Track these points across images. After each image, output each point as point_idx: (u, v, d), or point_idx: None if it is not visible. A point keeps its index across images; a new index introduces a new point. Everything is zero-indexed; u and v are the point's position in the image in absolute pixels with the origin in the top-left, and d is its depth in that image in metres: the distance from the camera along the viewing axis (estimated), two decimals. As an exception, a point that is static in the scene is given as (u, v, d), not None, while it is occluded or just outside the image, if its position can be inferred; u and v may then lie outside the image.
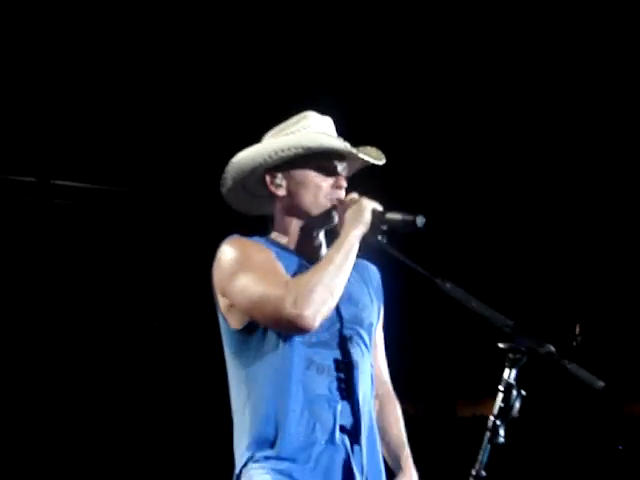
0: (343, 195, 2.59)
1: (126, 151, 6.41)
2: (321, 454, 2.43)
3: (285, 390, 2.43)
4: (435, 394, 8.51)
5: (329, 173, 2.59)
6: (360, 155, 2.58)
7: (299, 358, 2.45)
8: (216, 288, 2.53)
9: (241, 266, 2.46)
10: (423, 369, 7.69)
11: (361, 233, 2.50)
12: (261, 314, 2.40)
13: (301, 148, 2.53)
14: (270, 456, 2.41)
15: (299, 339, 2.46)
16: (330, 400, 2.46)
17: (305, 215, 2.59)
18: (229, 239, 2.55)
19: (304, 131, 2.59)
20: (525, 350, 2.24)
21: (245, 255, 2.48)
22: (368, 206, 2.52)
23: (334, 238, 2.56)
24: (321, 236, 2.64)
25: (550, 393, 7.68)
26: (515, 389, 2.22)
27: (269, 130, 2.70)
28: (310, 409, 2.43)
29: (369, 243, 2.54)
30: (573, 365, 2.19)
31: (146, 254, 6.81)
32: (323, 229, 2.63)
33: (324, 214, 2.58)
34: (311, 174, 2.57)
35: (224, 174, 2.64)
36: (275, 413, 2.42)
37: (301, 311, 2.32)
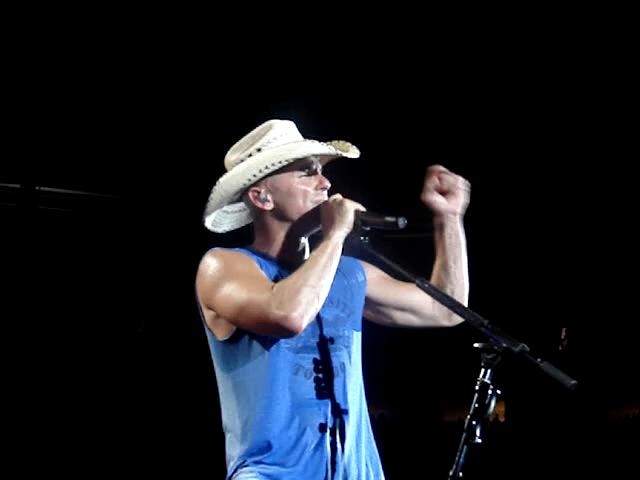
0: (326, 196, 2.59)
1: (111, 158, 6.40)
2: (311, 457, 2.44)
3: (273, 396, 2.44)
4: (422, 400, 8.50)
5: (310, 176, 2.60)
6: (341, 153, 2.59)
7: (286, 364, 2.46)
8: (200, 301, 2.52)
9: (224, 275, 2.45)
10: (409, 375, 7.68)
11: (344, 234, 2.50)
12: (247, 319, 2.39)
13: (285, 160, 2.54)
14: (260, 461, 2.42)
15: (285, 345, 2.46)
16: (319, 404, 2.47)
17: (294, 223, 2.59)
18: (210, 252, 2.54)
19: (277, 142, 2.59)
20: (499, 350, 2.20)
21: (227, 265, 2.48)
22: (351, 207, 2.53)
23: (318, 240, 2.55)
24: (306, 242, 2.63)
25: (535, 398, 7.69)
26: (490, 389, 2.18)
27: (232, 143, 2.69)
28: (300, 413, 2.44)
29: (352, 244, 2.54)
30: (546, 364, 2.15)
31: (132, 260, 6.80)
32: (310, 234, 2.62)
33: (313, 217, 2.57)
34: (295, 182, 2.58)
35: (208, 201, 2.63)
36: (264, 420, 2.43)
37: (287, 313, 2.32)
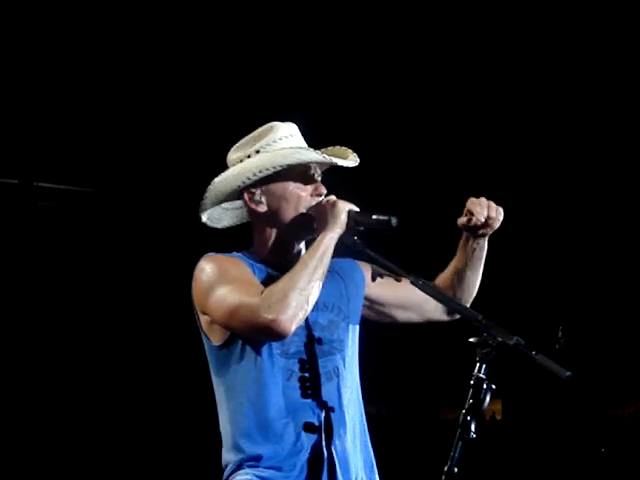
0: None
1: (110, 154, 6.39)
2: (307, 462, 2.43)
3: (267, 402, 2.44)
4: (419, 397, 8.49)
5: (307, 182, 2.59)
6: (339, 162, 2.59)
7: (279, 369, 2.46)
8: (196, 307, 2.53)
9: (217, 280, 2.46)
10: (406, 372, 7.68)
11: (337, 235, 2.50)
12: (238, 323, 2.40)
13: (279, 166, 2.53)
14: (256, 465, 2.43)
15: (277, 351, 2.46)
16: (313, 408, 2.47)
17: (287, 228, 2.59)
18: (205, 257, 2.55)
19: (275, 146, 2.58)
20: (494, 344, 2.21)
21: (220, 270, 2.48)
22: (344, 208, 2.52)
23: (311, 242, 2.55)
24: (302, 248, 2.63)
25: (532, 395, 7.68)
26: (485, 383, 2.20)
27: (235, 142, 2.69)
28: (294, 418, 2.44)
29: (345, 244, 2.53)
30: (540, 356, 2.16)
31: (131, 256, 6.80)
32: (303, 240, 2.62)
33: (307, 224, 2.57)
34: (290, 186, 2.57)
35: (203, 199, 2.64)
36: (259, 425, 2.44)
37: (276, 316, 2.31)
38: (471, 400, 2.20)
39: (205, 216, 2.68)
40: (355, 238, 2.52)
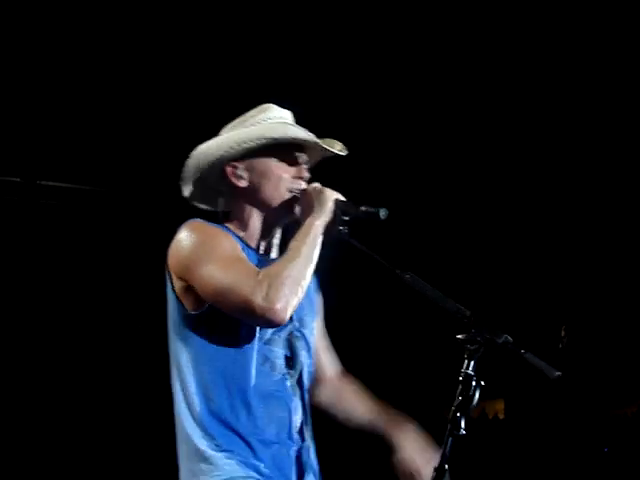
0: (305, 186, 2.60)
1: (112, 151, 6.38)
2: (278, 450, 2.45)
3: (243, 384, 2.43)
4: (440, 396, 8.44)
5: (291, 164, 2.59)
6: (325, 146, 2.59)
7: (256, 353, 2.46)
8: (173, 269, 2.51)
9: (208, 251, 2.43)
10: (428, 371, 7.65)
11: (325, 223, 2.50)
12: (228, 303, 2.38)
13: (264, 139, 2.52)
14: (231, 449, 2.41)
15: (257, 334, 2.46)
16: (284, 397, 2.50)
17: (266, 207, 2.58)
18: (192, 222, 2.53)
19: (266, 122, 2.58)
20: (482, 341, 2.27)
21: (213, 241, 2.46)
22: (332, 196, 2.52)
23: (296, 227, 2.54)
24: (279, 231, 2.64)
25: (535, 395, 7.65)
26: (474, 380, 2.24)
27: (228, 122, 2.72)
28: (265, 405, 2.45)
29: (330, 234, 2.53)
30: (529, 354, 2.25)
31: (133, 254, 6.79)
32: (283, 223, 2.63)
33: (286, 206, 2.57)
34: (273, 165, 2.57)
35: (185, 167, 2.64)
36: (231, 405, 2.43)
37: (273, 305, 2.31)
38: (460, 397, 2.23)
39: (187, 190, 2.67)
40: (341, 228, 2.53)
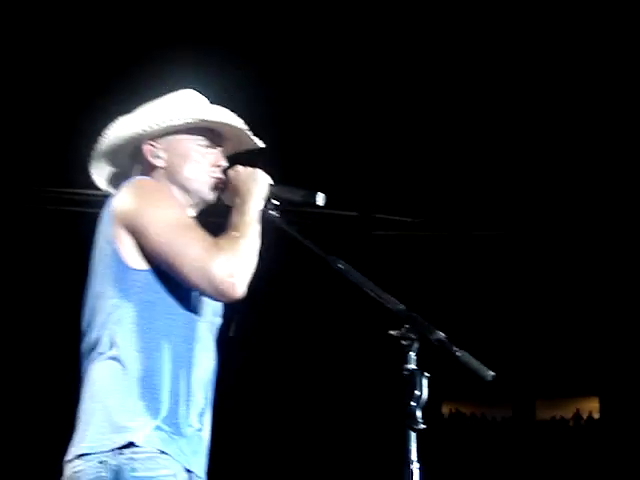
0: (221, 174, 2.54)
1: (441, 184, 6.41)
2: (192, 434, 2.37)
3: (184, 357, 2.37)
4: (510, 395, 8.05)
5: (210, 150, 2.55)
6: (251, 135, 2.58)
7: (198, 330, 2.42)
8: (121, 221, 2.37)
9: (163, 210, 2.37)
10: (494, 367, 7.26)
11: (260, 206, 2.45)
12: (189, 276, 2.31)
13: (191, 119, 2.49)
14: (165, 429, 2.30)
15: (194, 309, 2.41)
16: (204, 383, 2.43)
17: (182, 189, 2.51)
18: (143, 178, 2.47)
19: (188, 104, 2.55)
20: (416, 337, 2.16)
21: (168, 200, 2.41)
22: (265, 179, 2.49)
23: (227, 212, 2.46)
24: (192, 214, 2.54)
25: (634, 393, 7.22)
26: (418, 373, 2.16)
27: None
28: (188, 387, 2.37)
29: (264, 218, 2.45)
30: (464, 354, 2.13)
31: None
32: (198, 207, 2.56)
33: (202, 190, 2.52)
34: (193, 148, 2.52)
35: (98, 143, 2.54)
36: (167, 371, 2.33)
37: (239, 285, 2.30)
38: (409, 391, 2.16)
39: (96, 169, 2.59)
40: (273, 212, 2.47)
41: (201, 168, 2.50)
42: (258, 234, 2.37)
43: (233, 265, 2.27)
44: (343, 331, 6.89)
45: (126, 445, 2.23)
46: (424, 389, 2.13)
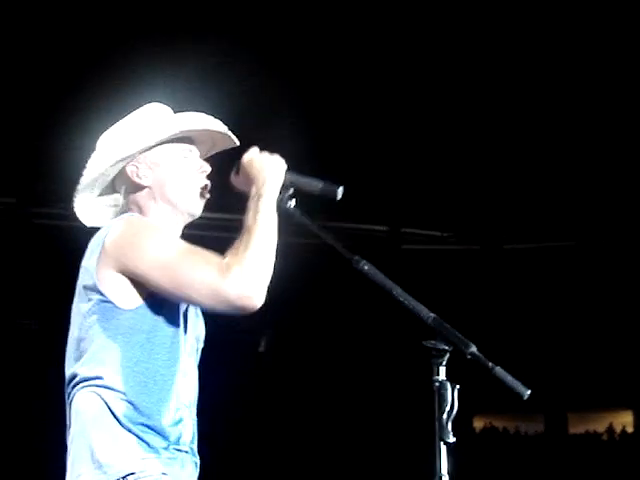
0: (206, 180, 2.48)
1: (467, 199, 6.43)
2: (184, 459, 2.35)
3: (170, 389, 2.33)
4: (547, 409, 7.99)
5: (193, 159, 2.50)
6: (229, 133, 2.52)
7: (182, 363, 2.37)
8: (111, 261, 2.31)
9: (162, 247, 2.30)
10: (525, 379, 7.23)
11: (275, 194, 2.36)
12: (200, 301, 2.29)
13: (178, 131, 2.44)
14: (162, 455, 2.29)
15: (182, 342, 2.36)
16: (190, 410, 2.40)
17: (171, 205, 2.46)
18: (131, 216, 2.41)
19: (163, 118, 2.49)
20: (449, 349, 2.12)
21: (158, 232, 2.34)
22: (282, 166, 2.40)
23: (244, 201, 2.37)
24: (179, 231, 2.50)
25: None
26: (449, 384, 2.12)
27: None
28: (180, 415, 2.35)
29: (279, 208, 2.35)
30: (499, 369, 2.09)
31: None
32: (187, 220, 2.49)
33: (191, 204, 2.46)
34: (175, 159, 2.47)
35: (82, 177, 2.47)
36: (161, 410, 2.31)
37: (247, 290, 2.22)
38: (440, 404, 2.13)
39: (82, 200, 2.51)
40: (291, 204, 2.37)
41: (187, 179, 2.45)
42: (274, 228, 2.29)
43: (245, 279, 2.20)
44: (372, 341, 6.88)
45: (127, 475, 2.23)
46: (455, 401, 2.09)
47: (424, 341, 2.09)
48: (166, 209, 2.44)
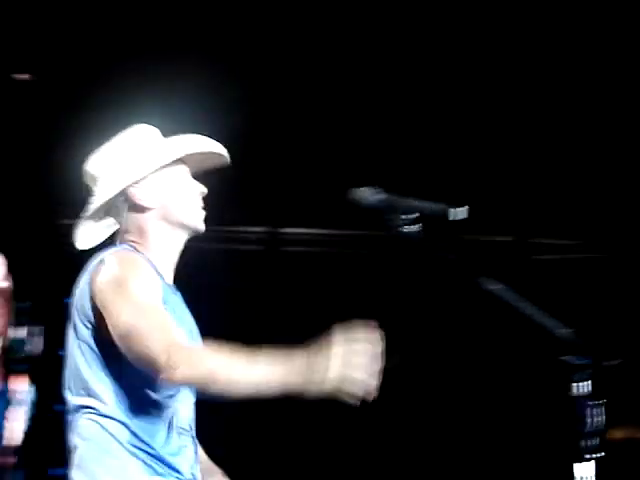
0: (202, 204, 2.60)
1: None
2: None
3: (168, 417, 2.44)
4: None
5: (189, 180, 2.61)
6: (223, 152, 2.61)
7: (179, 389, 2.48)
8: (99, 301, 2.39)
9: (128, 291, 2.36)
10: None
11: (304, 394, 2.19)
12: (134, 350, 2.32)
13: (183, 153, 2.55)
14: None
15: None
16: (191, 432, 2.51)
17: (177, 225, 2.57)
18: (120, 252, 2.47)
19: (161, 142, 2.59)
20: (592, 363, 2.07)
21: (135, 279, 2.38)
22: (344, 380, 2.16)
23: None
24: (178, 252, 2.60)
25: None
26: (589, 402, 2.07)
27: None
28: (182, 442, 2.45)
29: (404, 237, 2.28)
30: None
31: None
32: (191, 235, 2.60)
33: (196, 223, 2.58)
34: (179, 182, 2.58)
35: (87, 207, 2.56)
36: (154, 435, 2.40)
37: (174, 376, 2.25)
38: (580, 419, 2.07)
39: (82, 233, 2.61)
40: (414, 228, 2.25)
41: (191, 200, 2.57)
42: (254, 393, 2.21)
43: (180, 378, 2.24)
44: (509, 358, 6.75)
45: None
46: (599, 416, 2.05)
47: (561, 356, 2.03)
48: (167, 228, 2.54)
